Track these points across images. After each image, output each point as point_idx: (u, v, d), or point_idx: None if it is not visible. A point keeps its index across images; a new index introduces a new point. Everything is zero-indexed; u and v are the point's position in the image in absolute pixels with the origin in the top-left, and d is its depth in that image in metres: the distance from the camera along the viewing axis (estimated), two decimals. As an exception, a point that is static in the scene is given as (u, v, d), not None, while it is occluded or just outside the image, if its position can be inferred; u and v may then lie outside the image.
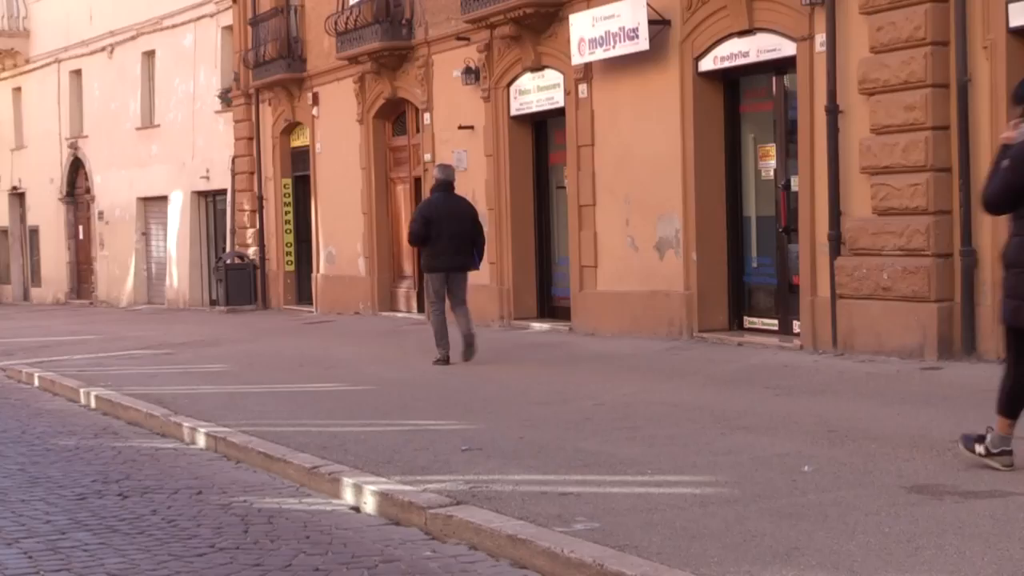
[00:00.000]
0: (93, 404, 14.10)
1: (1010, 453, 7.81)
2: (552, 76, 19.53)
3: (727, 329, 16.74)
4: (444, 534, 7.31)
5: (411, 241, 16.34)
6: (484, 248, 16.27)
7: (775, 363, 14.08)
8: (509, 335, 19.25)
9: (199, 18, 31.22)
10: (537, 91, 19.98)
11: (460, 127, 21.46)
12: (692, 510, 7.19)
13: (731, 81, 16.78)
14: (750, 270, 16.85)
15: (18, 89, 41.98)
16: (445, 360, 15.53)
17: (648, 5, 16.77)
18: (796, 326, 15.38)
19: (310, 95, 26.58)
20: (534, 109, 20.18)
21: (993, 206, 7.78)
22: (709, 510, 7.16)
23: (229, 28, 29.81)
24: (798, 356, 14.52)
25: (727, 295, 16.84)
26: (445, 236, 15.41)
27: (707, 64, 16.53)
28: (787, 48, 15.29)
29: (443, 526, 7.35)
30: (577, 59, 18.17)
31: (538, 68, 19.76)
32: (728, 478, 8.02)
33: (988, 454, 7.84)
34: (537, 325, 19.93)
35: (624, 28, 17.10)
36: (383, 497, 8.03)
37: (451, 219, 15.47)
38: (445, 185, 15.86)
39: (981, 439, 7.88)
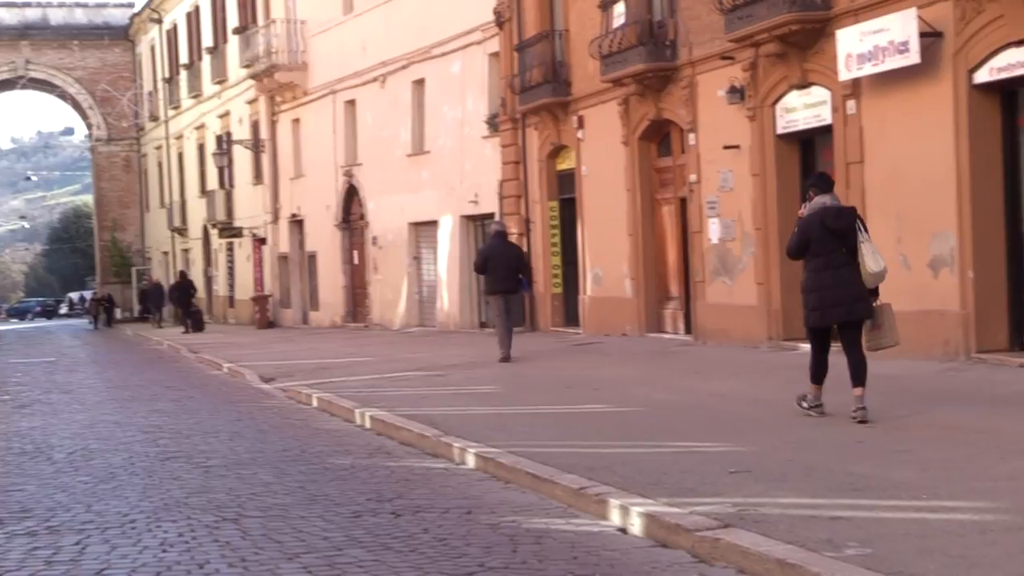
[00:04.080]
0: (368, 424, 14.52)
1: (821, 406, 12.04)
2: (819, 93, 19.21)
3: (1007, 350, 16.10)
4: (712, 557, 7.24)
5: (475, 270, 23.00)
6: (531, 276, 23.29)
7: (1059, 385, 13.48)
8: (777, 356, 18.96)
9: (466, 46, 31.85)
10: (803, 108, 19.68)
11: (725, 147, 21.30)
12: (970, 537, 6.94)
13: (1009, 93, 16.17)
14: (1031, 288, 16.19)
15: (297, 120, 43.64)
16: (507, 359, 20.73)
17: (919, 17, 16.34)
18: (1082, 346, 14.70)
19: (575, 118, 26.81)
20: (800, 127, 19.88)
21: (791, 255, 12.20)
22: (988, 537, 6.90)
23: (496, 55, 30.33)
24: (1084, 378, 13.87)
25: (1007, 314, 16.21)
26: (500, 269, 21.06)
27: (982, 76, 15.99)
28: (1070, 56, 14.66)
29: (711, 549, 7.28)
30: (845, 75, 17.83)
31: (804, 85, 19.46)
32: (1009, 504, 7.70)
33: (810, 408, 12.09)
34: (805, 346, 19.51)
35: (894, 42, 16.70)
36: (650, 519, 8.01)
37: (503, 257, 21.22)
38: (500, 235, 21.96)
39: (804, 398, 12.19)
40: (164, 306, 52.08)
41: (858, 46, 17.38)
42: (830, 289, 11.60)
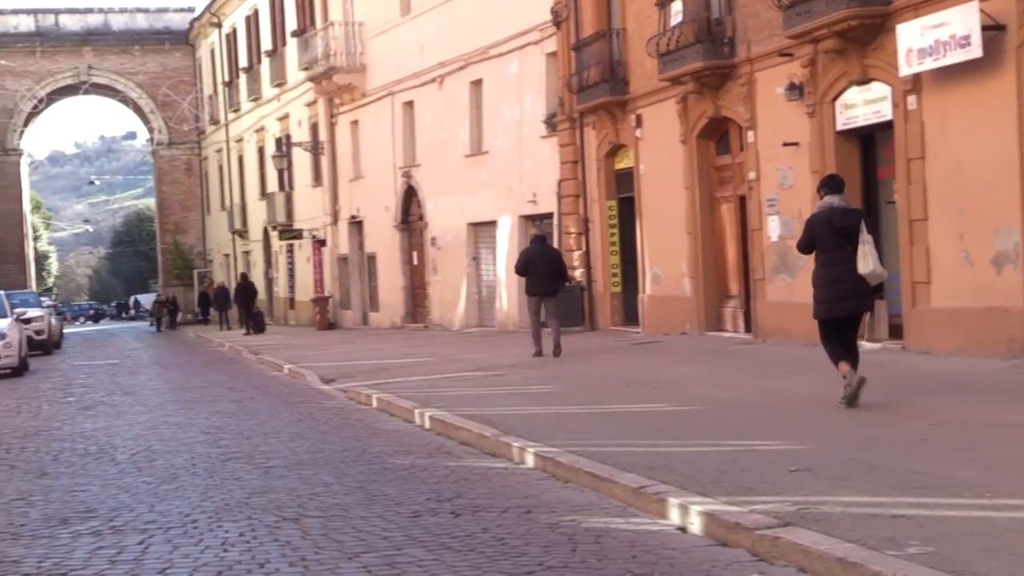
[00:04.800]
0: (427, 424, 14.55)
1: (862, 379, 12.45)
2: (879, 89, 19.06)
3: (1072, 346, 15.90)
4: (772, 556, 7.20)
5: (516, 273, 23.65)
6: (568, 279, 24.41)
7: (1126, 382, 13.29)
8: (838, 354, 18.81)
9: (524, 46, 31.86)
10: (863, 104, 19.53)
11: (784, 144, 21.18)
12: (1035, 536, 6.85)
13: (1072, 85, 15.96)
14: (1097, 284, 15.97)
15: (355, 122, 43.83)
16: (539, 354, 21.79)
17: (981, 10, 16.16)
18: None
19: (633, 117, 26.75)
20: (860, 123, 19.73)
21: (800, 250, 13.14)
22: (1053, 536, 6.81)
23: (553, 54, 30.32)
24: None
25: (1072, 310, 16.00)
26: (539, 273, 22.04)
27: (1046, 68, 15.79)
28: None
29: (771, 548, 7.24)
30: (905, 70, 17.67)
31: (864, 81, 19.31)
32: (1074, 503, 7.61)
33: (849, 384, 12.40)
34: (868, 344, 19.40)
35: (955, 36, 16.53)
36: (709, 518, 7.98)
37: (542, 261, 22.20)
38: (540, 239, 23.21)
39: (846, 388, 12.46)
40: (230, 308, 52.41)
41: (919, 41, 17.22)
42: (838, 284, 12.49)
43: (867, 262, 12.32)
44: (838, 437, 10.82)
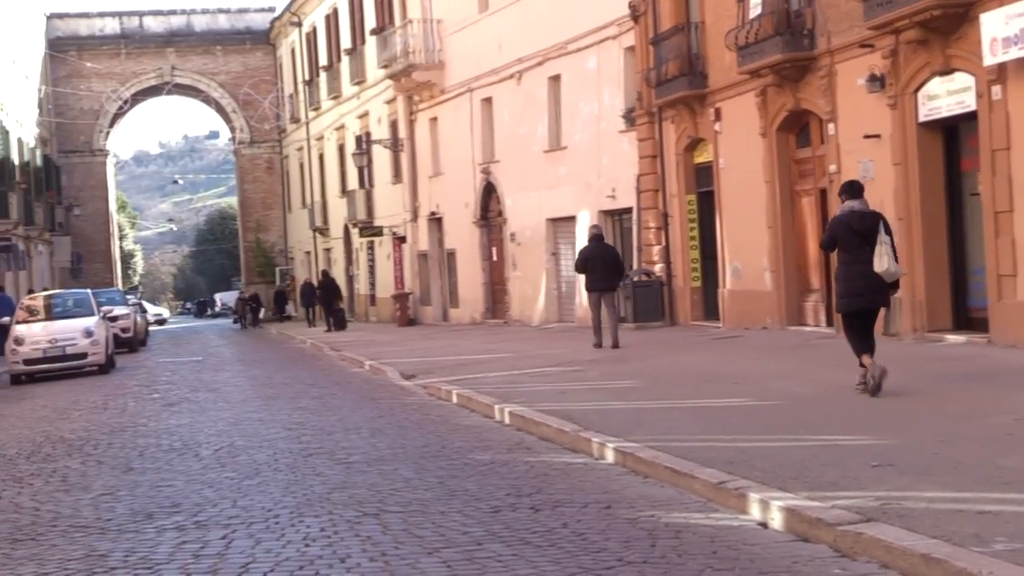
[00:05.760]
0: (507, 420, 14.57)
1: (883, 371, 13.24)
2: (962, 79, 18.79)
3: None
4: (854, 552, 7.14)
5: (575, 270, 25.59)
6: (625, 275, 26.13)
7: None
8: (921, 349, 18.62)
9: (602, 40, 31.78)
10: (947, 95, 19.27)
11: (866, 136, 20.96)
12: (1124, 532, 6.73)
13: None
14: None
15: (434, 119, 43.96)
16: (599, 345, 23.29)
17: (1066, -2, 15.90)
18: None
19: (712, 111, 26.60)
20: (944, 114, 19.47)
21: (822, 248, 15.00)
22: None
23: (631, 49, 30.21)
24: None
25: None
26: (598, 269, 23.62)
27: None
28: None
29: (853, 543, 7.18)
30: (989, 59, 17.41)
31: (947, 71, 19.06)
32: None
33: (877, 379, 13.20)
34: (952, 338, 19.18)
35: (1040, 24, 16.27)
36: (790, 513, 7.93)
37: (600, 259, 23.71)
38: (597, 237, 24.43)
39: (863, 380, 13.44)
40: (315, 305, 52.67)
41: (1003, 29, 16.96)
42: (855, 281, 13.56)
43: (882, 261, 13.34)
44: (921, 432, 10.70)
